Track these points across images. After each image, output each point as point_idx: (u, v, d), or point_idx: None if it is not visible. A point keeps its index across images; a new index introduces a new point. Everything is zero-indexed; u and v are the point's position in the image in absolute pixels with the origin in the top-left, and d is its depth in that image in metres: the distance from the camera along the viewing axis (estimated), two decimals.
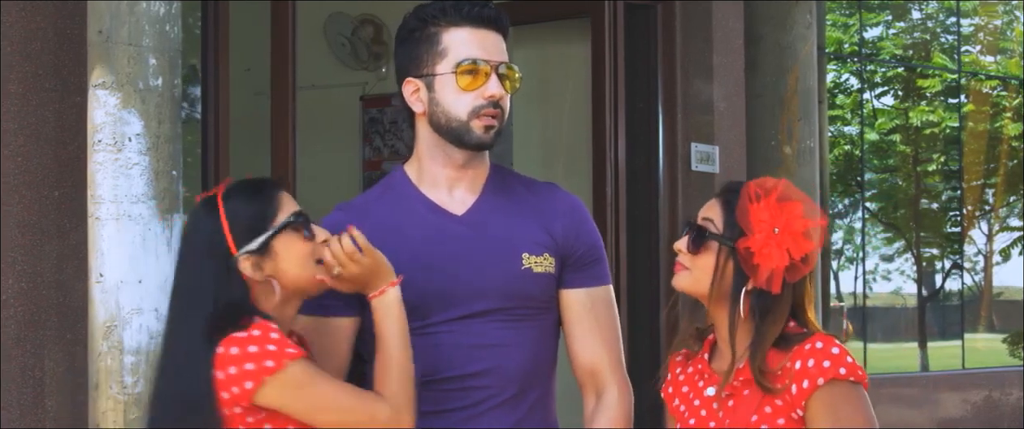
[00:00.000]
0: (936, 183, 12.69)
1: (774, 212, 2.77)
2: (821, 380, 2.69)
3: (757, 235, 2.76)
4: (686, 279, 2.84)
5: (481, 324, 2.99)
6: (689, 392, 2.89)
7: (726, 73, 7.37)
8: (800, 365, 2.71)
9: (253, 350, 2.64)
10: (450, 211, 3.02)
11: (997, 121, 12.65)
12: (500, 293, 2.99)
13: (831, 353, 2.71)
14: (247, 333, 2.66)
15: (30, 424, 5.04)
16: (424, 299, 2.96)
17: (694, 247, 2.82)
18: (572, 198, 3.12)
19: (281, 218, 2.78)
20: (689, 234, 2.83)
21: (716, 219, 2.82)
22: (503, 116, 3.00)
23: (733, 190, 2.84)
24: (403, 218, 3.02)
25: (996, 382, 10.57)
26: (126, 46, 4.40)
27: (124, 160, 4.37)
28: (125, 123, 4.38)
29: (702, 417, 2.83)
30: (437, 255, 2.98)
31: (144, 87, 4.41)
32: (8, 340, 5.02)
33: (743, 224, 2.77)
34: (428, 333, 2.98)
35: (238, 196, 2.79)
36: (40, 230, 5.10)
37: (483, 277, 2.98)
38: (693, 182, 7.28)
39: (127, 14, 4.40)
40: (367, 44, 9.70)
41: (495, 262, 2.99)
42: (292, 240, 2.78)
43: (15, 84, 5.06)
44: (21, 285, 5.05)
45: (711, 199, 2.87)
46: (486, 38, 2.99)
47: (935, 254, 12.83)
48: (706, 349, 2.91)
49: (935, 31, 12.84)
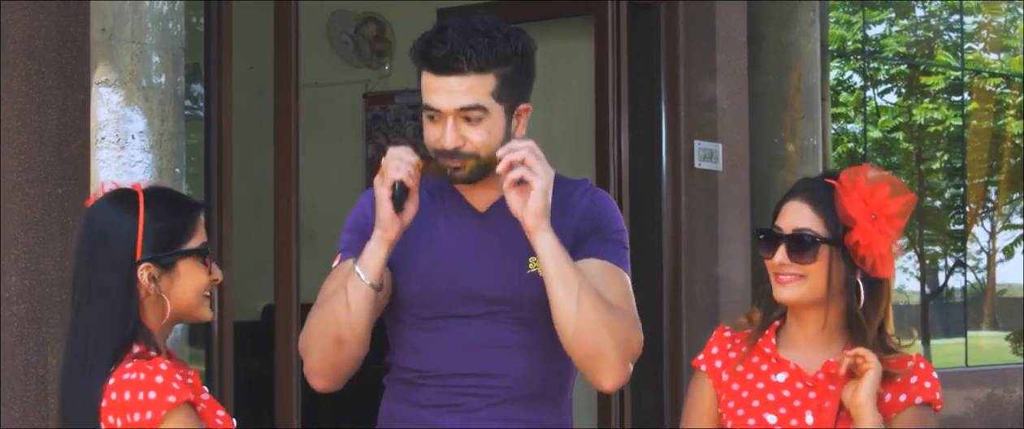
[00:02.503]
0: (939, 181, 12.67)
1: (868, 199, 2.81)
2: (920, 399, 2.82)
3: (861, 226, 2.80)
4: (801, 288, 2.85)
5: (489, 324, 2.97)
6: (752, 377, 2.89)
7: (729, 71, 7.36)
8: (901, 378, 2.82)
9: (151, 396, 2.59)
10: (474, 206, 3.02)
11: (1000, 119, 12.64)
12: (506, 295, 2.97)
13: (933, 377, 2.85)
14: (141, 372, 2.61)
15: (33, 422, 5.04)
16: (431, 289, 2.97)
17: (805, 257, 2.84)
18: (597, 194, 3.08)
19: (195, 242, 2.74)
20: (787, 245, 2.84)
21: (811, 223, 2.84)
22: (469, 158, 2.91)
23: (816, 189, 2.86)
24: (433, 206, 3.01)
25: (999, 380, 10.56)
26: (129, 44, 4.40)
27: (127, 158, 4.37)
28: (128, 121, 4.39)
29: (770, 403, 2.85)
30: (452, 248, 2.98)
31: (147, 85, 4.41)
32: (11, 338, 5.02)
33: (845, 220, 2.81)
34: (434, 327, 2.98)
35: (160, 204, 2.74)
36: (43, 228, 5.10)
37: (489, 278, 2.97)
38: (696, 180, 7.27)
39: (130, 12, 4.40)
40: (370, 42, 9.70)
41: (502, 264, 2.97)
42: (195, 267, 2.74)
43: (18, 82, 5.06)
44: (24, 283, 5.06)
45: (790, 202, 2.87)
46: (446, 86, 2.89)
47: (938, 252, 12.81)
48: (772, 333, 2.92)
49: (938, 29, 12.83)
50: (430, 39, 2.90)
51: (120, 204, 2.74)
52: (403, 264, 2.99)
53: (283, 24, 6.10)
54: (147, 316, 2.71)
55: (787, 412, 2.83)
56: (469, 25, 2.90)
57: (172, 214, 2.74)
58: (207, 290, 2.77)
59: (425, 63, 2.91)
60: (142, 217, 2.71)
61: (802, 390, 2.84)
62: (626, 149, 7.06)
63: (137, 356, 2.66)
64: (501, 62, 2.92)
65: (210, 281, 2.77)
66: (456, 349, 2.97)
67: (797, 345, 2.89)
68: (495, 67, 2.91)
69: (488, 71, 2.90)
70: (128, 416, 2.60)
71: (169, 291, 2.72)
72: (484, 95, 2.91)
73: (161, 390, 2.59)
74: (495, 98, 2.92)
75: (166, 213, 2.73)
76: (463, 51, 2.87)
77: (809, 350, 2.88)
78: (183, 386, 2.62)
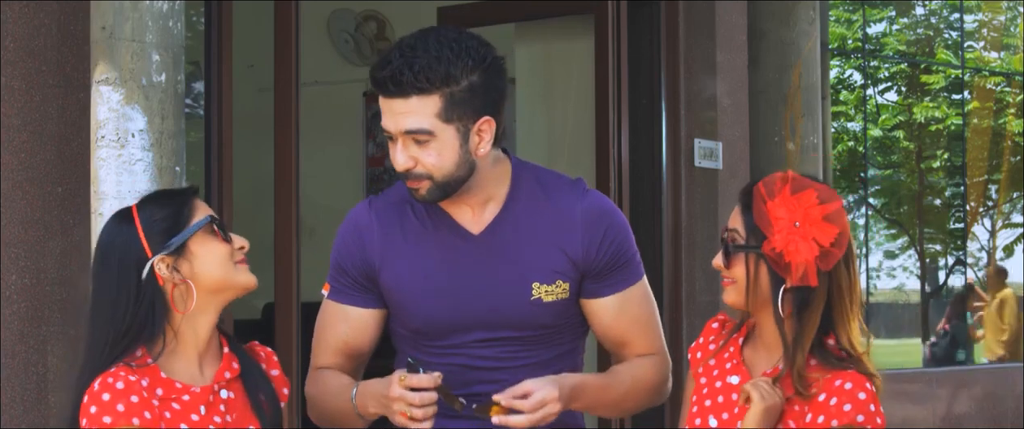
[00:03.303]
0: (939, 179, 12.67)
1: (790, 206, 2.73)
2: (835, 422, 2.69)
3: (779, 233, 2.72)
4: (730, 294, 2.81)
5: (495, 349, 2.95)
6: (716, 374, 2.85)
7: (729, 69, 7.36)
8: (824, 398, 2.71)
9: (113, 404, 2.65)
10: (467, 229, 2.94)
11: (1001, 117, 12.64)
12: (510, 322, 2.94)
13: (857, 397, 2.70)
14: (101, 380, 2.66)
15: (33, 421, 5.04)
16: (433, 324, 2.94)
17: (725, 261, 2.79)
18: (594, 201, 3.00)
19: (196, 220, 2.77)
20: (722, 250, 2.80)
21: (739, 228, 2.78)
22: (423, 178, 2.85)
23: (746, 194, 2.80)
24: (423, 232, 2.95)
25: (999, 378, 10.57)
26: (129, 42, 4.40)
27: (127, 156, 4.37)
28: (128, 119, 4.39)
29: (719, 404, 2.81)
30: (448, 279, 2.93)
31: (147, 83, 4.41)
32: (11, 336, 5.02)
33: (763, 226, 2.74)
34: (440, 352, 2.96)
35: (151, 204, 2.80)
36: (43, 226, 5.10)
37: (492, 306, 2.93)
38: (696, 178, 7.27)
39: (130, 10, 4.40)
40: (370, 40, 9.71)
41: (504, 292, 2.93)
42: (208, 240, 2.78)
43: (18, 80, 5.06)
44: (24, 281, 5.06)
45: (735, 207, 2.83)
46: (395, 109, 2.84)
47: (938, 250, 12.81)
48: (743, 333, 2.88)
49: (938, 27, 12.83)
50: (379, 59, 2.85)
51: (117, 218, 2.80)
52: (401, 301, 2.96)
53: (283, 22, 6.10)
54: (177, 306, 2.74)
55: (729, 417, 2.78)
56: (419, 44, 2.81)
57: (165, 205, 2.78)
58: (234, 257, 2.79)
59: (372, 84, 2.88)
60: (138, 219, 2.76)
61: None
62: (626, 147, 7.06)
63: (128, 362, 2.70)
64: (446, 82, 2.81)
65: (232, 248, 2.80)
66: (463, 372, 2.95)
67: (757, 349, 2.85)
68: (439, 87, 2.80)
69: (431, 92, 2.80)
70: (83, 419, 2.67)
71: (192, 274, 2.75)
72: (428, 117, 2.81)
73: (102, 409, 2.64)
74: (442, 119, 2.82)
75: (159, 206, 2.78)
76: (402, 72, 2.79)
77: (767, 355, 2.82)
78: (130, 407, 2.64)
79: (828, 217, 2.74)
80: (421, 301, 2.93)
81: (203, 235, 2.78)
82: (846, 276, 2.78)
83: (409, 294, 2.94)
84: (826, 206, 2.74)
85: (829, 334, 2.78)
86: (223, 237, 2.79)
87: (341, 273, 3.01)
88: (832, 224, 2.73)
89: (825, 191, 2.77)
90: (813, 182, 2.79)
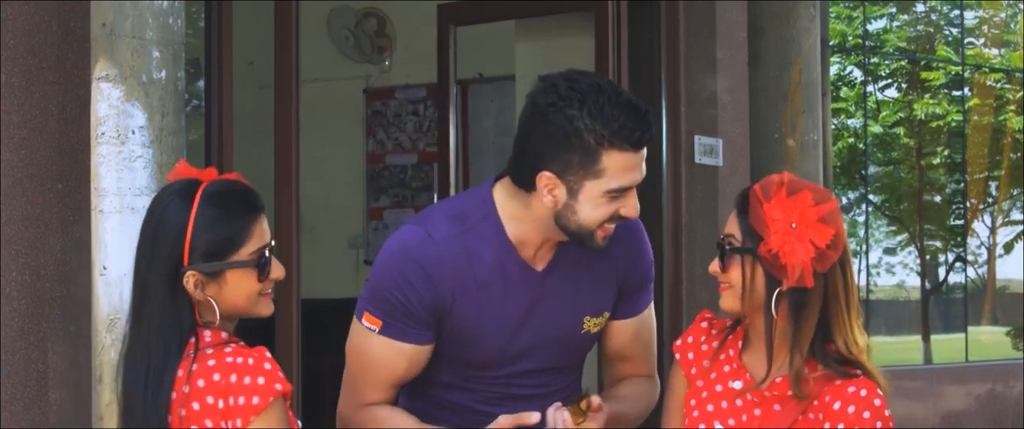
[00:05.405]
0: (940, 176, 12.67)
1: (786, 208, 2.73)
2: (842, 426, 2.71)
3: (775, 235, 2.72)
4: (727, 299, 2.81)
5: (536, 378, 3.03)
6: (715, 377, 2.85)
7: (729, 66, 7.36)
8: (839, 406, 2.73)
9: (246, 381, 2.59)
10: (533, 267, 2.98)
11: (1001, 114, 12.63)
12: (559, 354, 3.03)
13: (873, 404, 2.73)
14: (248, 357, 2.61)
15: (33, 418, 5.04)
16: (492, 358, 2.99)
17: (722, 265, 2.79)
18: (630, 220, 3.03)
19: (248, 249, 2.69)
20: (718, 254, 2.81)
21: (735, 232, 2.79)
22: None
23: (742, 197, 2.81)
24: (494, 270, 2.96)
25: (999, 375, 10.57)
26: (129, 39, 4.40)
27: (127, 153, 4.37)
28: (128, 116, 4.39)
29: (723, 410, 2.81)
30: (519, 316, 2.98)
31: (147, 80, 4.41)
32: (11, 333, 5.02)
33: (760, 228, 2.74)
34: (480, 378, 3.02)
35: (213, 210, 2.67)
36: (43, 223, 5.10)
37: (550, 341, 3.01)
38: (696, 175, 7.28)
39: (130, 7, 4.40)
40: (371, 37, 9.69)
41: (563, 327, 3.01)
42: (246, 275, 2.71)
43: (18, 77, 5.06)
44: (24, 278, 5.05)
45: (732, 210, 2.84)
46: (641, 161, 2.90)
47: (938, 247, 12.81)
48: (740, 336, 2.87)
49: (939, 24, 12.82)
50: (630, 117, 2.90)
51: (180, 198, 2.68)
52: (468, 337, 2.98)
53: (283, 19, 6.10)
54: (201, 314, 2.69)
55: (735, 424, 2.79)
56: (629, 97, 2.97)
57: (223, 224, 2.67)
58: (262, 292, 2.74)
59: (626, 143, 2.90)
60: (192, 223, 2.66)
61: (751, 403, 2.80)
62: None
63: (219, 343, 2.66)
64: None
65: (266, 283, 2.73)
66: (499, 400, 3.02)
67: (754, 353, 2.84)
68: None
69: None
70: (232, 398, 2.58)
71: (218, 296, 2.69)
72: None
73: (270, 376, 2.60)
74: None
75: (217, 222, 2.67)
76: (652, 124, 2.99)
77: (764, 360, 2.81)
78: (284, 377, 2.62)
79: (824, 218, 2.74)
80: (490, 337, 2.97)
81: (242, 270, 2.70)
82: (842, 279, 2.78)
83: (480, 330, 2.97)
84: (821, 207, 2.74)
85: (829, 341, 2.79)
86: (260, 275, 2.71)
87: (402, 311, 2.96)
88: (828, 225, 2.74)
89: (820, 193, 2.78)
90: (808, 184, 2.80)
